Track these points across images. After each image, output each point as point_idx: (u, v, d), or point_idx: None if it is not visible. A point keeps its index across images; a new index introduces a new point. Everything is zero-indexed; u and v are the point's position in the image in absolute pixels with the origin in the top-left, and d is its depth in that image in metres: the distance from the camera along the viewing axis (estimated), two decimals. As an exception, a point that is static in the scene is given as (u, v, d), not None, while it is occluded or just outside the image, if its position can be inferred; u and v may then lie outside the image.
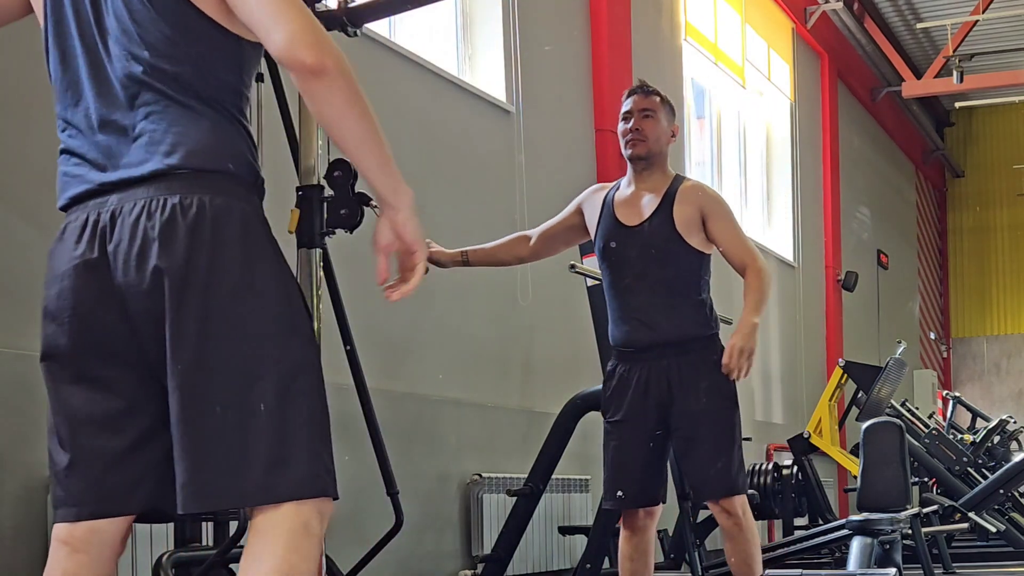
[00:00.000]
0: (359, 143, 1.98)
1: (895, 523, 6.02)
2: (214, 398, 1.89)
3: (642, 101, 4.04)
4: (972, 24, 13.66)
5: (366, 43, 5.93)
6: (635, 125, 4.01)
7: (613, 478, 4.04)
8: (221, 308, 1.91)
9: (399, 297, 2.15)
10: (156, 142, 1.96)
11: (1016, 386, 18.85)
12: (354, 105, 1.94)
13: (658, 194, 4.02)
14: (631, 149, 4.03)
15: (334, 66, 1.91)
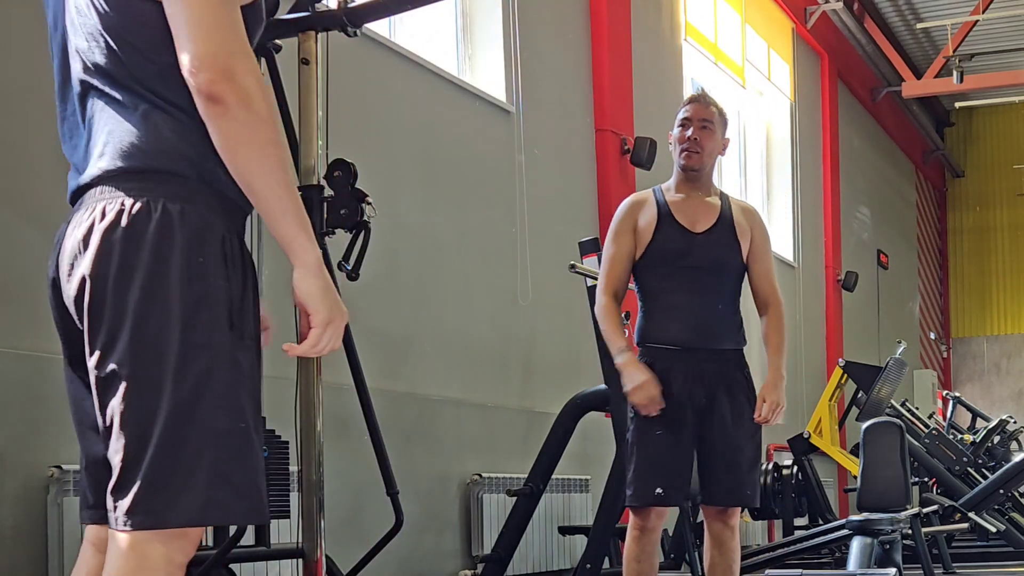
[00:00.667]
0: (248, 188, 1.82)
1: (895, 523, 6.02)
2: (114, 415, 1.82)
3: (702, 111, 4.07)
4: (972, 24, 13.66)
5: (366, 43, 5.93)
6: (694, 135, 4.04)
7: (652, 474, 3.96)
8: (123, 322, 1.81)
9: (291, 354, 1.96)
10: (95, 144, 1.90)
11: (1016, 386, 18.85)
12: (250, 144, 1.79)
13: (714, 204, 4.10)
14: (686, 160, 4.06)
15: (234, 99, 1.77)
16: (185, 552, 1.86)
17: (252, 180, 1.82)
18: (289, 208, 1.83)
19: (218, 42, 1.78)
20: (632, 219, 4.10)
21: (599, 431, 6.43)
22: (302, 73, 3.52)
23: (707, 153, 4.06)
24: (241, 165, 1.81)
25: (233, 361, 1.86)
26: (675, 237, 4.03)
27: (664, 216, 4.06)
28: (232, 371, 1.86)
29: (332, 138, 3.63)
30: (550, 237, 7.25)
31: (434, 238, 6.49)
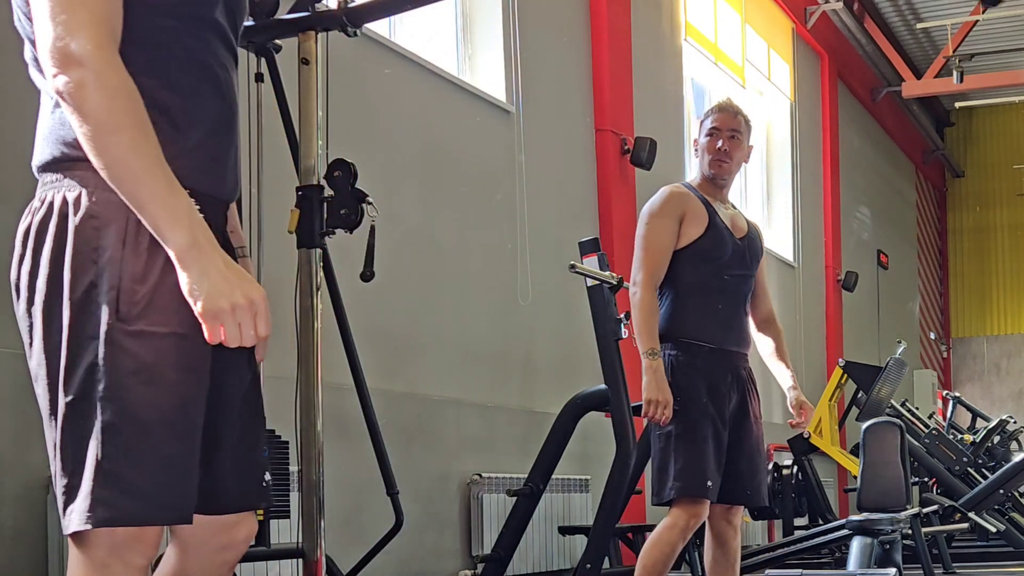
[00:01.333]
0: (111, 174, 1.73)
1: (895, 523, 6.02)
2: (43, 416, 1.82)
3: (731, 121, 4.15)
4: (972, 24, 13.66)
5: (366, 43, 5.93)
6: (724, 147, 4.12)
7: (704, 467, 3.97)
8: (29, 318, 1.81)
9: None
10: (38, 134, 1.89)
11: (1016, 386, 18.85)
12: (101, 133, 1.70)
13: (737, 212, 4.25)
14: (716, 170, 4.13)
15: (74, 89, 1.68)
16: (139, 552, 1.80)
17: (113, 174, 1.72)
18: (149, 194, 1.72)
19: (64, 26, 1.69)
20: (680, 210, 4.07)
21: (599, 431, 6.43)
22: (302, 73, 3.52)
23: (735, 163, 4.17)
24: (96, 159, 1.72)
25: (123, 350, 1.76)
26: (725, 239, 4.09)
27: (714, 217, 4.10)
28: (124, 361, 1.77)
29: (332, 138, 3.63)
30: (550, 237, 7.25)
31: (434, 238, 6.49)
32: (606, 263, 5.43)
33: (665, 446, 4.04)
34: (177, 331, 1.81)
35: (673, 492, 3.98)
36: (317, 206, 3.45)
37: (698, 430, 4.01)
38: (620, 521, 5.89)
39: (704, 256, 4.06)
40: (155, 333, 1.79)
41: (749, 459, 4.11)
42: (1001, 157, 18.69)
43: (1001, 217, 18.86)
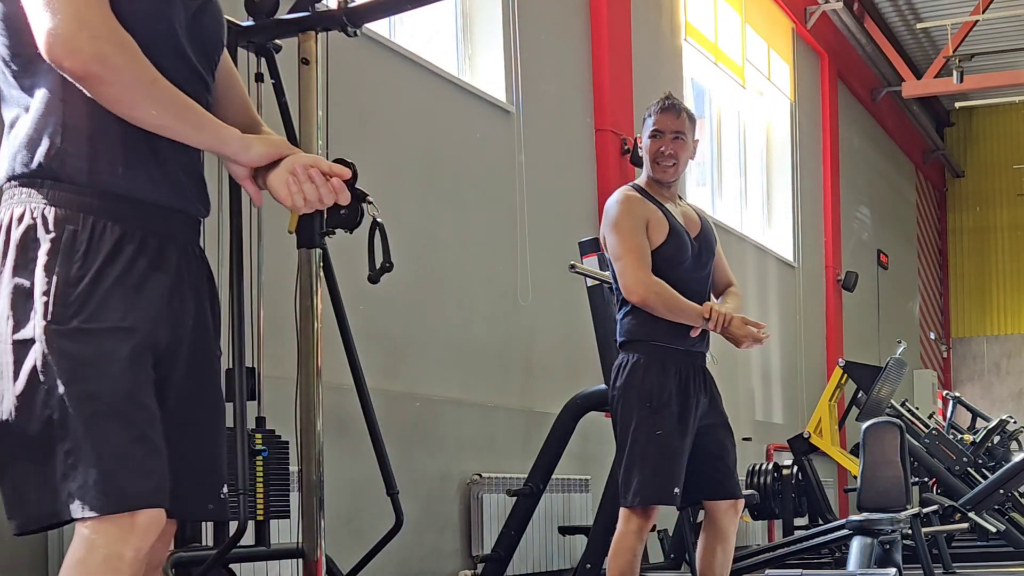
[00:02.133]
0: (161, 127, 1.91)
1: (895, 523, 6.02)
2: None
3: (673, 122, 4.06)
4: (972, 24, 13.66)
5: (366, 43, 5.93)
6: (668, 150, 4.05)
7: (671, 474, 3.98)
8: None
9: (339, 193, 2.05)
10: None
11: (1016, 386, 18.85)
12: (138, 95, 1.86)
13: (687, 207, 4.22)
14: (663, 174, 4.08)
15: (99, 67, 1.82)
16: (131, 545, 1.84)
17: (161, 123, 1.89)
18: (202, 122, 1.93)
19: (67, 13, 1.80)
20: (644, 216, 4.05)
21: (599, 431, 6.43)
22: (302, 73, 3.52)
23: (682, 163, 4.11)
24: (143, 117, 1.88)
25: (60, 352, 1.83)
26: (684, 241, 4.07)
27: (671, 219, 4.08)
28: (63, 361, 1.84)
29: (332, 138, 3.63)
30: (550, 237, 7.24)
31: (434, 238, 6.49)
32: (606, 263, 5.43)
33: (631, 451, 4.02)
34: (117, 325, 1.88)
35: (638, 500, 3.98)
36: (317, 206, 3.45)
37: (670, 437, 3.99)
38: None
39: (668, 261, 4.03)
40: (92, 329, 1.86)
41: (730, 455, 4.15)
42: (1001, 157, 18.69)
43: (1001, 217, 18.85)
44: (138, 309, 1.92)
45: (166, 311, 1.98)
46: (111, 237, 1.91)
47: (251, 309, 3.64)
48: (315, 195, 2.02)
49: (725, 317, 3.97)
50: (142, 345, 1.91)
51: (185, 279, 2.04)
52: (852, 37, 13.69)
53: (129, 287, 1.92)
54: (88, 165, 1.90)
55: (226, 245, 3.59)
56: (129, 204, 1.94)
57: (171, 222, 2.01)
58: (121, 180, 1.92)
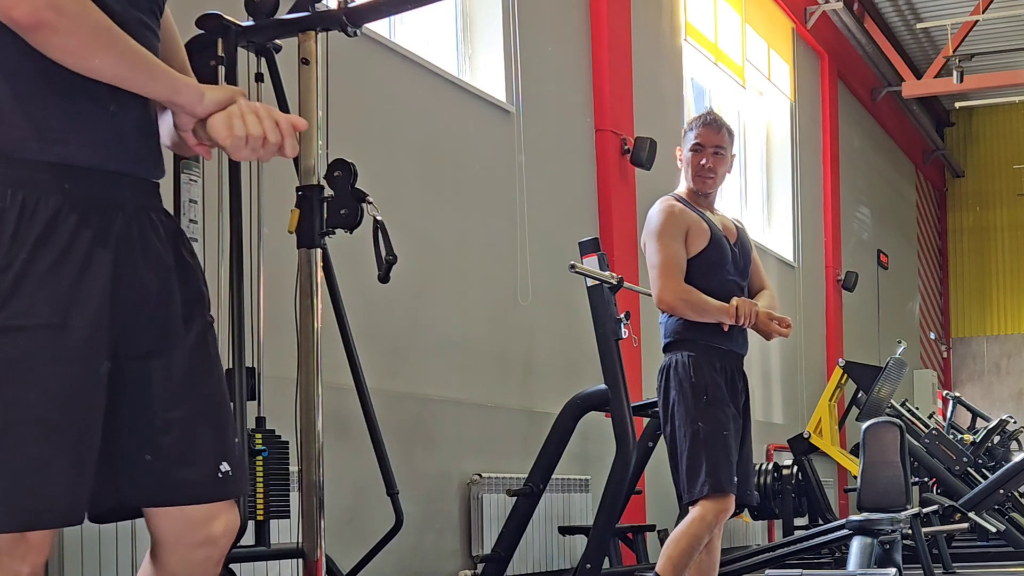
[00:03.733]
0: (116, 77, 1.79)
1: (895, 523, 6.03)
2: None
3: (714, 137, 4.23)
4: (972, 24, 13.65)
5: (366, 43, 5.93)
6: (708, 164, 4.22)
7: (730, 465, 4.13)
8: None
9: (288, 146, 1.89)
10: None
11: (1016, 386, 18.85)
12: (93, 44, 1.74)
13: (725, 217, 4.38)
14: (701, 186, 4.25)
15: (51, 15, 1.68)
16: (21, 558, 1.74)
17: (116, 72, 1.78)
18: (158, 72, 1.81)
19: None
20: (684, 224, 4.19)
21: (599, 431, 6.43)
22: (302, 73, 3.52)
23: (720, 177, 4.28)
24: (98, 67, 1.76)
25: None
26: (725, 247, 4.23)
27: (712, 227, 4.22)
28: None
29: (332, 138, 3.63)
30: (550, 237, 7.25)
31: (434, 238, 6.49)
32: (606, 263, 5.43)
33: (693, 444, 4.13)
34: (48, 321, 1.74)
35: (706, 488, 4.07)
36: (317, 206, 3.45)
37: (724, 427, 4.14)
38: (620, 521, 5.90)
39: (711, 265, 4.19)
40: (20, 327, 1.72)
41: (746, 460, 4.31)
42: (1001, 157, 18.69)
43: (1001, 217, 18.85)
44: (78, 298, 1.77)
45: (116, 289, 1.82)
46: (44, 214, 1.75)
47: (251, 309, 3.64)
48: (258, 129, 1.85)
49: (751, 312, 4.08)
50: (82, 338, 1.76)
51: (138, 248, 1.88)
52: (852, 37, 13.69)
53: (65, 274, 1.76)
54: (14, 132, 1.75)
55: (226, 245, 3.59)
56: (65, 172, 1.78)
57: (118, 188, 1.86)
58: (55, 146, 1.77)
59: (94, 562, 4.09)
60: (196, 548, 1.94)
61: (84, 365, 1.77)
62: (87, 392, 1.77)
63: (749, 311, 4.09)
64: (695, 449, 4.11)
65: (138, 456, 1.89)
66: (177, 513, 1.91)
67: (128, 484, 1.90)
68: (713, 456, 4.09)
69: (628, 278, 6.03)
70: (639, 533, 6.84)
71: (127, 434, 1.88)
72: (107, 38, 1.75)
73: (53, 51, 1.73)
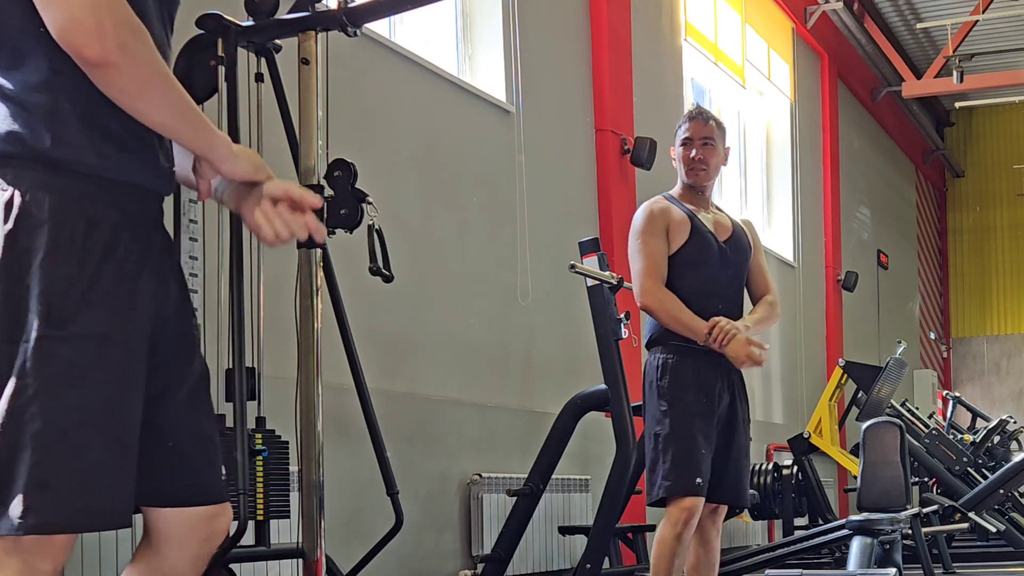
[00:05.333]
0: (162, 127, 1.85)
1: (895, 523, 6.03)
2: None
3: (702, 129, 4.22)
4: (972, 24, 13.65)
5: (366, 43, 5.93)
6: (698, 156, 4.20)
7: (693, 465, 4.04)
8: None
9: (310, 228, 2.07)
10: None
11: (1016, 386, 18.85)
12: (149, 91, 1.79)
13: (721, 214, 4.32)
14: (693, 179, 4.24)
15: (119, 57, 1.74)
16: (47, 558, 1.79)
17: (164, 120, 1.83)
18: (199, 127, 1.88)
19: (79, 3, 1.71)
20: (664, 221, 4.19)
21: (599, 431, 6.43)
22: (302, 73, 3.52)
23: (712, 169, 4.25)
24: (148, 112, 1.81)
25: (52, 355, 1.75)
26: (709, 243, 4.19)
27: (696, 224, 4.20)
28: (53, 366, 1.75)
29: (332, 138, 3.63)
30: (550, 237, 7.25)
31: (434, 238, 6.49)
32: (606, 263, 5.43)
33: (655, 446, 4.12)
34: (106, 332, 1.80)
35: (662, 491, 4.06)
36: (317, 206, 3.44)
37: (686, 428, 4.07)
38: (620, 521, 5.89)
39: (691, 262, 4.17)
40: (84, 335, 1.78)
41: (736, 462, 4.19)
42: (1001, 157, 18.69)
43: (1001, 217, 18.85)
44: (134, 311, 1.85)
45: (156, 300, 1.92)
46: (105, 229, 1.83)
47: (251, 309, 3.64)
48: (287, 232, 2.03)
49: (726, 335, 4.01)
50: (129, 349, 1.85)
51: (168, 264, 1.99)
52: (852, 37, 13.69)
53: (124, 288, 1.85)
54: (78, 147, 1.81)
55: (226, 245, 3.59)
56: (118, 188, 1.86)
57: (153, 206, 1.96)
58: (115, 164, 1.85)
59: (94, 562, 4.09)
60: (203, 543, 2.05)
61: (136, 375, 1.86)
62: (136, 400, 1.86)
63: (721, 336, 4.01)
64: (655, 451, 4.10)
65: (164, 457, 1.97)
66: (190, 512, 2.00)
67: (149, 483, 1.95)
68: (671, 459, 4.06)
69: (628, 278, 6.03)
70: (639, 533, 6.84)
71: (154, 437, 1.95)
72: (163, 86, 1.82)
73: (110, 89, 1.78)
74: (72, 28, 1.71)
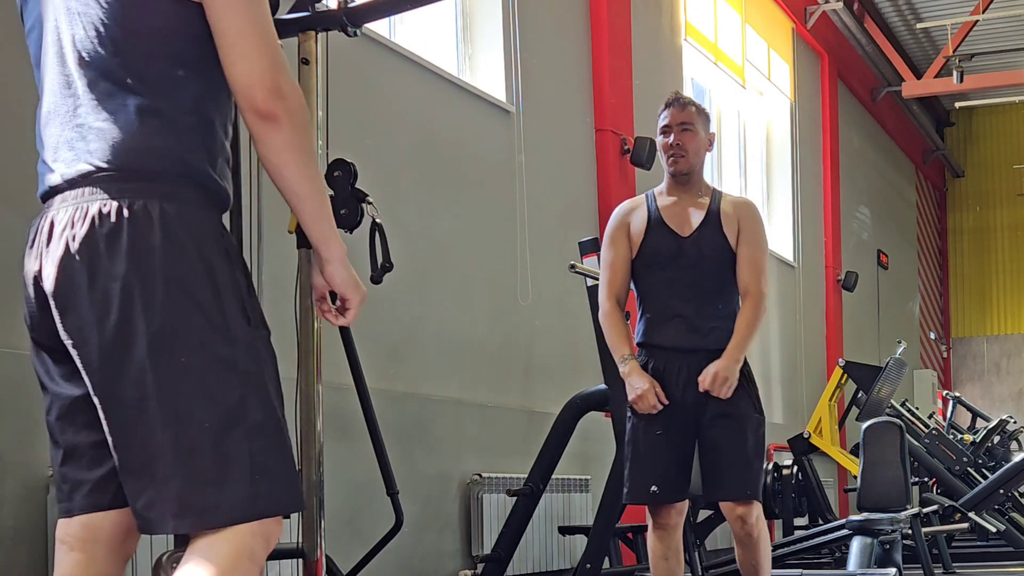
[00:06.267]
0: (296, 194, 1.94)
1: (895, 523, 6.03)
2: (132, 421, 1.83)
3: (679, 115, 4.15)
4: (972, 24, 13.66)
5: (366, 43, 5.93)
6: (675, 140, 4.12)
7: (647, 473, 4.05)
8: (146, 321, 1.82)
9: (336, 323, 2.25)
10: (80, 141, 1.89)
11: (1016, 386, 18.85)
12: (298, 156, 1.90)
13: (704, 204, 4.17)
14: (673, 165, 4.16)
15: (285, 118, 1.87)
16: (275, 538, 1.91)
17: (300, 186, 1.93)
18: (326, 212, 1.99)
19: (271, 58, 1.87)
20: (624, 224, 4.19)
21: (599, 431, 6.43)
22: (302, 73, 3.52)
23: (692, 154, 4.16)
24: (290, 175, 1.92)
25: (256, 353, 1.90)
26: (664, 240, 4.11)
27: (654, 220, 4.14)
28: (257, 363, 1.90)
29: (332, 138, 3.63)
30: (550, 237, 7.25)
31: (434, 238, 6.49)
32: (606, 263, 5.42)
33: (624, 451, 4.16)
34: (269, 333, 1.99)
35: (627, 498, 4.13)
36: (317, 206, 3.44)
37: (644, 436, 4.07)
38: (620, 521, 5.90)
39: (649, 262, 4.13)
40: (266, 335, 1.97)
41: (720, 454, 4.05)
42: (1001, 157, 18.69)
43: (1001, 217, 18.85)
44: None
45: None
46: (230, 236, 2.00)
47: (251, 309, 3.64)
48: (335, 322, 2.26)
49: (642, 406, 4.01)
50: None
51: None
52: (852, 37, 13.69)
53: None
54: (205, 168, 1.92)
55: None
56: (220, 203, 1.98)
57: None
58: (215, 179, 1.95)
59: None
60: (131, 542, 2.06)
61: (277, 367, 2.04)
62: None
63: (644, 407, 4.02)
64: (624, 456, 4.17)
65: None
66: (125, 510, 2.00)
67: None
68: (630, 466, 4.10)
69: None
70: (639, 533, 6.84)
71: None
72: (311, 157, 1.94)
73: (265, 142, 1.89)
74: (256, 80, 1.85)
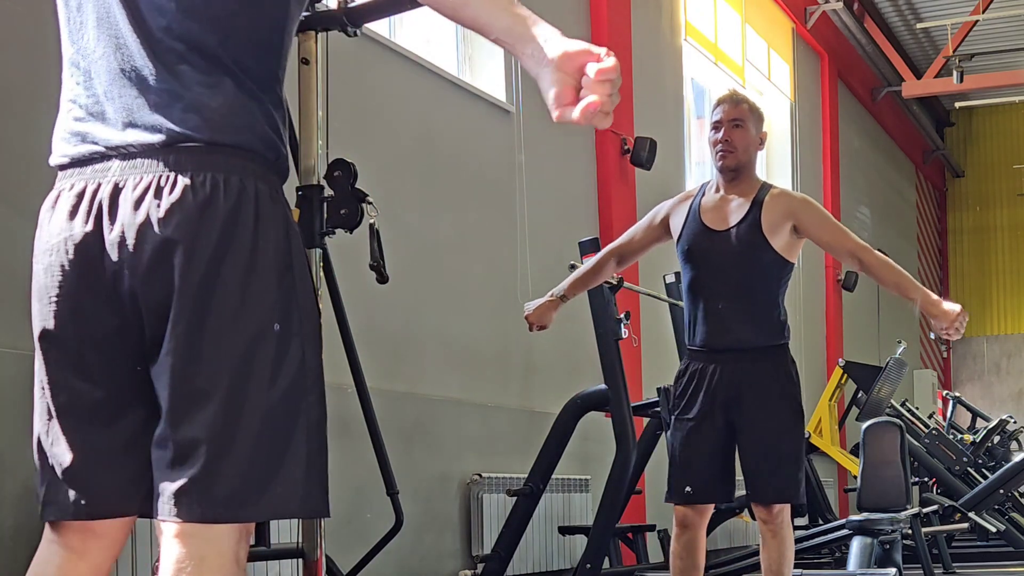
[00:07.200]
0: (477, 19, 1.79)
1: (895, 523, 6.03)
2: (202, 395, 1.70)
3: (732, 111, 4.10)
4: (972, 24, 13.66)
5: (366, 43, 5.93)
6: (725, 136, 4.07)
7: (682, 474, 4.08)
8: (223, 300, 1.70)
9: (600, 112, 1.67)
10: (168, 105, 1.73)
11: (1016, 386, 18.85)
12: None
13: (746, 200, 4.09)
14: (721, 161, 4.09)
15: None
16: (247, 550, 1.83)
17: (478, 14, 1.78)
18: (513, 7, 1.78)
19: None
20: (667, 212, 4.23)
21: (599, 431, 6.43)
22: (302, 73, 3.52)
23: (741, 151, 4.07)
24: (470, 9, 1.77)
25: (318, 347, 1.81)
26: (696, 236, 4.09)
27: (691, 217, 4.14)
28: (318, 358, 1.81)
29: (332, 138, 3.63)
30: (550, 237, 7.24)
31: (434, 238, 6.49)
32: (606, 263, 5.42)
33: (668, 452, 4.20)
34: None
35: (666, 497, 4.15)
36: (317, 206, 3.46)
37: (683, 437, 4.10)
38: (620, 521, 5.90)
39: (684, 258, 4.14)
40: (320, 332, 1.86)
41: (755, 456, 4.07)
42: (1001, 157, 18.69)
43: (1001, 217, 18.86)
44: None
45: None
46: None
47: (251, 309, 3.64)
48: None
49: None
50: None
51: None
52: (852, 37, 13.70)
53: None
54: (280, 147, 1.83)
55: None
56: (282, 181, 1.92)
57: None
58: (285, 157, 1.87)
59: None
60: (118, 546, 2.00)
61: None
62: None
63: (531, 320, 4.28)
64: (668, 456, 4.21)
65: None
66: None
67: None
68: (670, 466, 4.14)
69: (628, 278, 6.03)
70: (639, 533, 6.84)
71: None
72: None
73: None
74: None
